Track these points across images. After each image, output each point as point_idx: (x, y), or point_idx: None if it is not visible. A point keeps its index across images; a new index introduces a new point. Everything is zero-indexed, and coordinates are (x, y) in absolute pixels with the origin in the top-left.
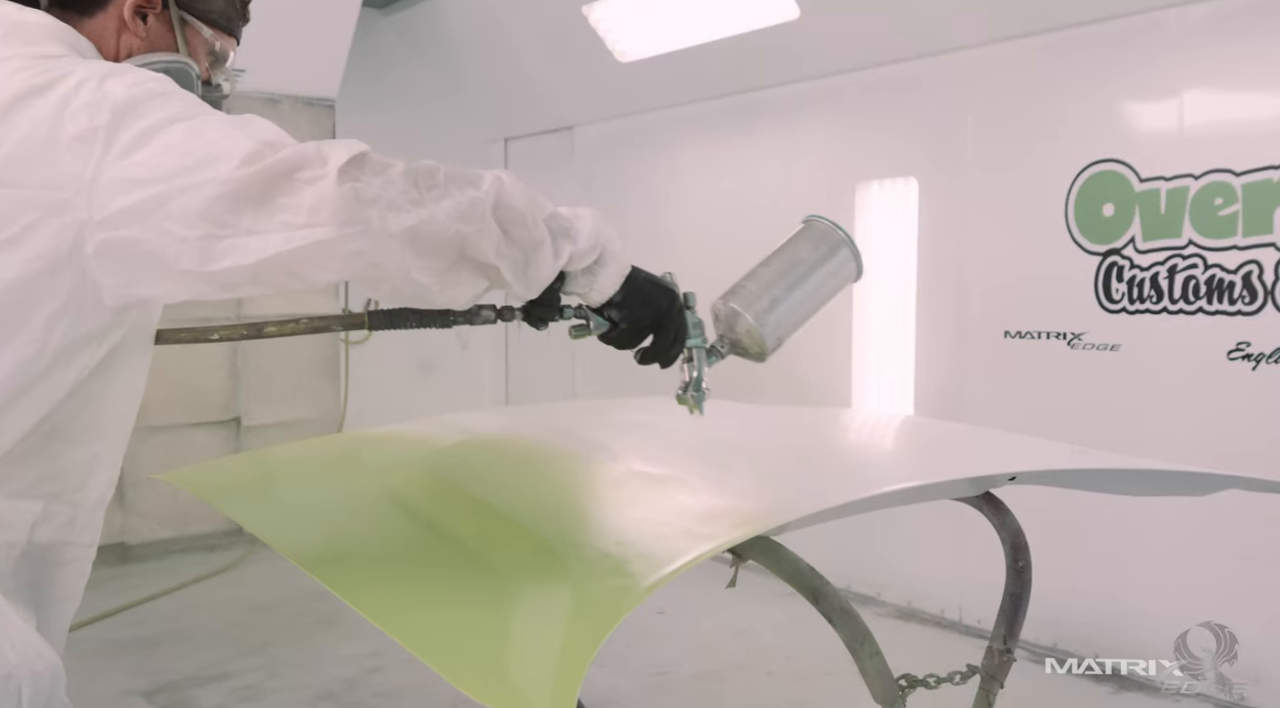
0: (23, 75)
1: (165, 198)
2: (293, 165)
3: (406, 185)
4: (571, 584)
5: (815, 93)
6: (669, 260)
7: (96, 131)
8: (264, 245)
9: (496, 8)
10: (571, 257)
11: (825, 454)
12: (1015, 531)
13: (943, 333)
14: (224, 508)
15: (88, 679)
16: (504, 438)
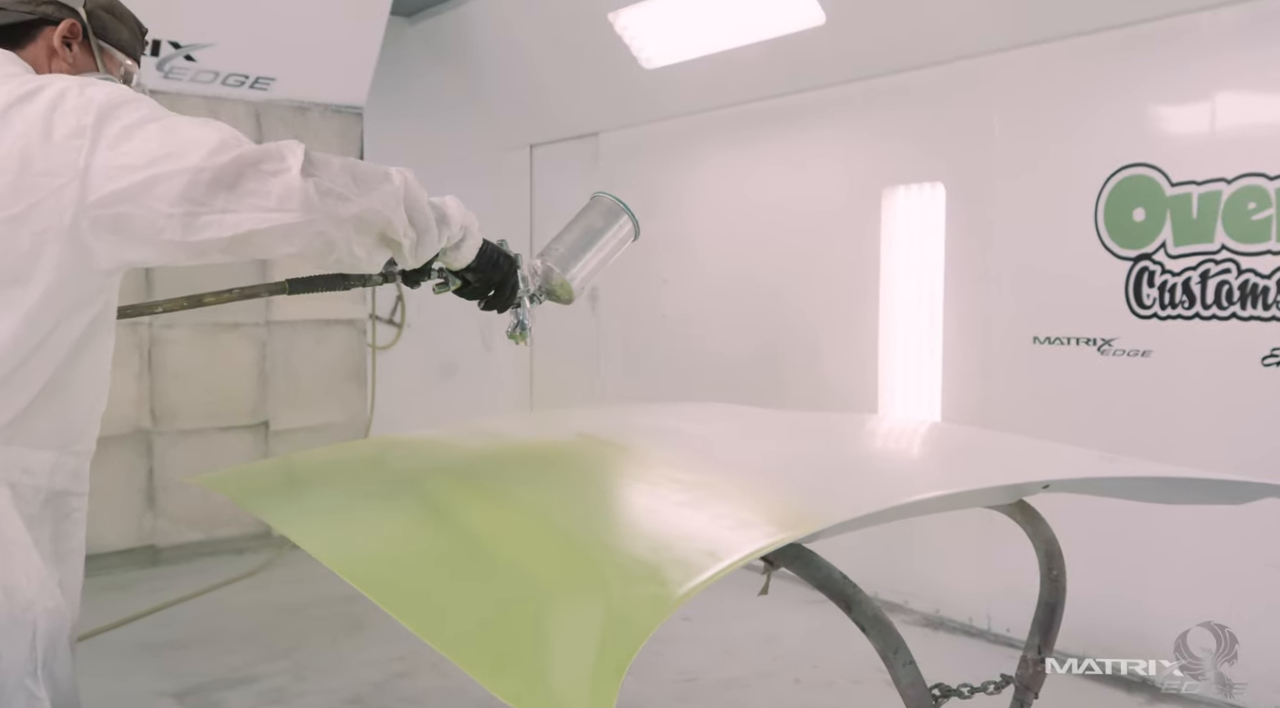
0: (8, 85)
1: (151, 182)
2: (257, 158)
3: (347, 180)
4: (606, 590)
5: (841, 98)
6: (693, 265)
7: (85, 129)
8: (238, 222)
9: (522, 15)
10: (447, 236)
11: (857, 461)
12: (1049, 539)
13: (970, 339)
14: (259, 512)
15: (119, 680)
16: (533, 442)
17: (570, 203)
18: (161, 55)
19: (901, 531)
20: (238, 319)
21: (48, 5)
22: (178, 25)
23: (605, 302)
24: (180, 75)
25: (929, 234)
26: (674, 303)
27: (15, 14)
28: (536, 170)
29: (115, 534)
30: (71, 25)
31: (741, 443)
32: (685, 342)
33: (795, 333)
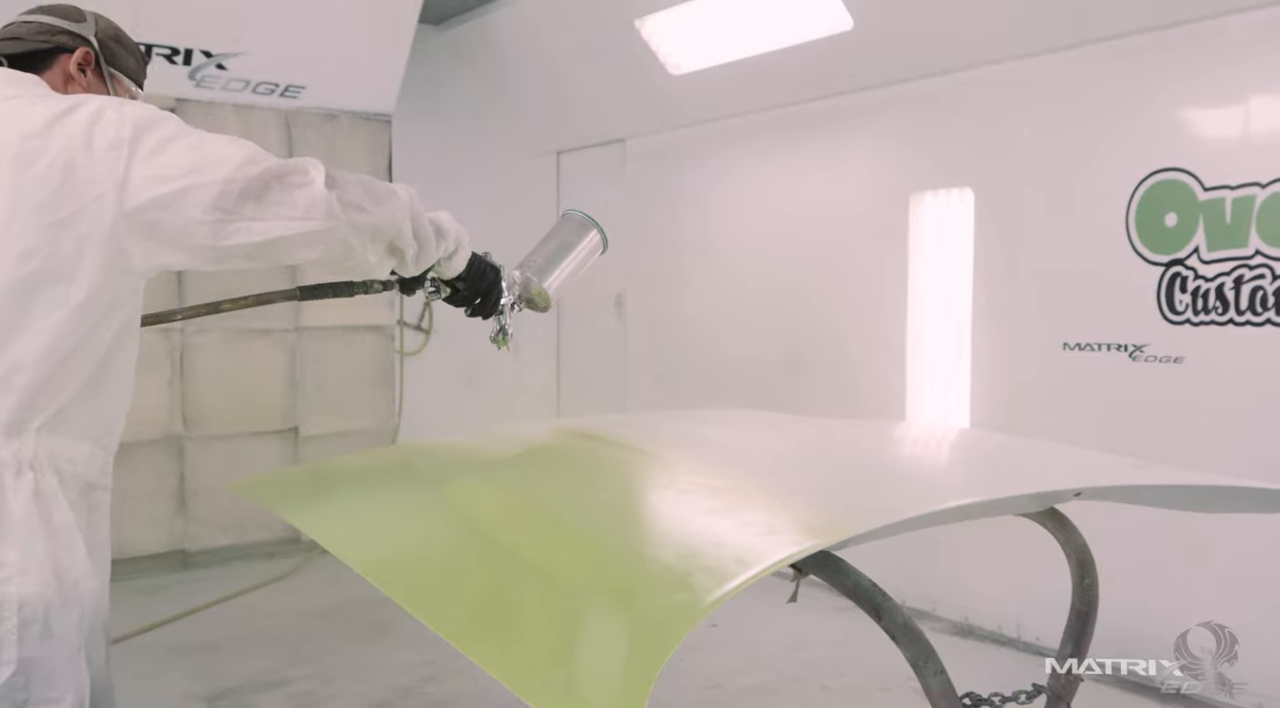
0: (47, 103)
1: (185, 191)
2: (283, 172)
3: (363, 194)
4: (635, 598)
5: (868, 103)
6: (721, 271)
7: (123, 142)
8: (266, 229)
9: (550, 22)
10: (444, 248)
11: (886, 468)
12: (1081, 547)
13: (999, 345)
14: (291, 518)
15: (151, 683)
16: (562, 449)
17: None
18: (193, 64)
19: (929, 537)
20: (268, 325)
21: (63, 35)
22: (209, 34)
23: (632, 307)
24: (212, 84)
25: (957, 240)
26: (701, 309)
27: (33, 43)
28: (563, 177)
29: (147, 538)
30: (86, 53)
31: (770, 449)
32: (712, 347)
33: (823, 339)
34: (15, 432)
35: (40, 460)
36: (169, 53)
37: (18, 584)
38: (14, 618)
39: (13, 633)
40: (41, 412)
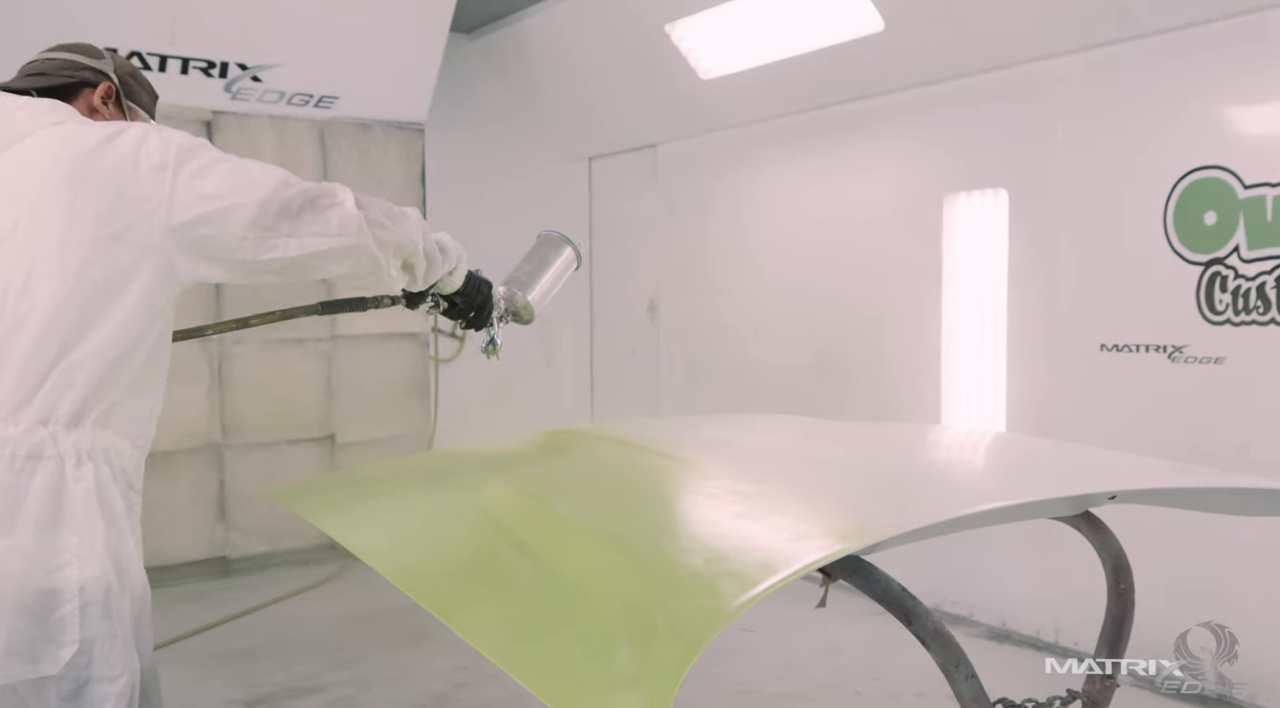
0: (93, 128)
1: (228, 210)
2: (316, 195)
3: (384, 215)
4: (660, 603)
5: (900, 105)
6: (754, 275)
7: (168, 164)
8: (302, 245)
9: (580, 29)
10: (448, 265)
11: (917, 471)
12: (1116, 551)
13: (1035, 347)
14: (323, 525)
15: (192, 688)
16: (591, 454)
17: (629, 215)
18: (229, 77)
19: (966, 541)
20: (304, 334)
21: (86, 70)
22: (245, 47)
23: (665, 312)
24: (247, 96)
25: (992, 241)
26: (734, 313)
27: (59, 78)
28: (595, 183)
29: (188, 546)
30: (109, 88)
31: (801, 454)
32: (745, 352)
33: (856, 342)
34: (74, 424)
35: (96, 452)
36: (205, 66)
37: (79, 568)
38: (76, 600)
39: (75, 614)
40: (96, 407)
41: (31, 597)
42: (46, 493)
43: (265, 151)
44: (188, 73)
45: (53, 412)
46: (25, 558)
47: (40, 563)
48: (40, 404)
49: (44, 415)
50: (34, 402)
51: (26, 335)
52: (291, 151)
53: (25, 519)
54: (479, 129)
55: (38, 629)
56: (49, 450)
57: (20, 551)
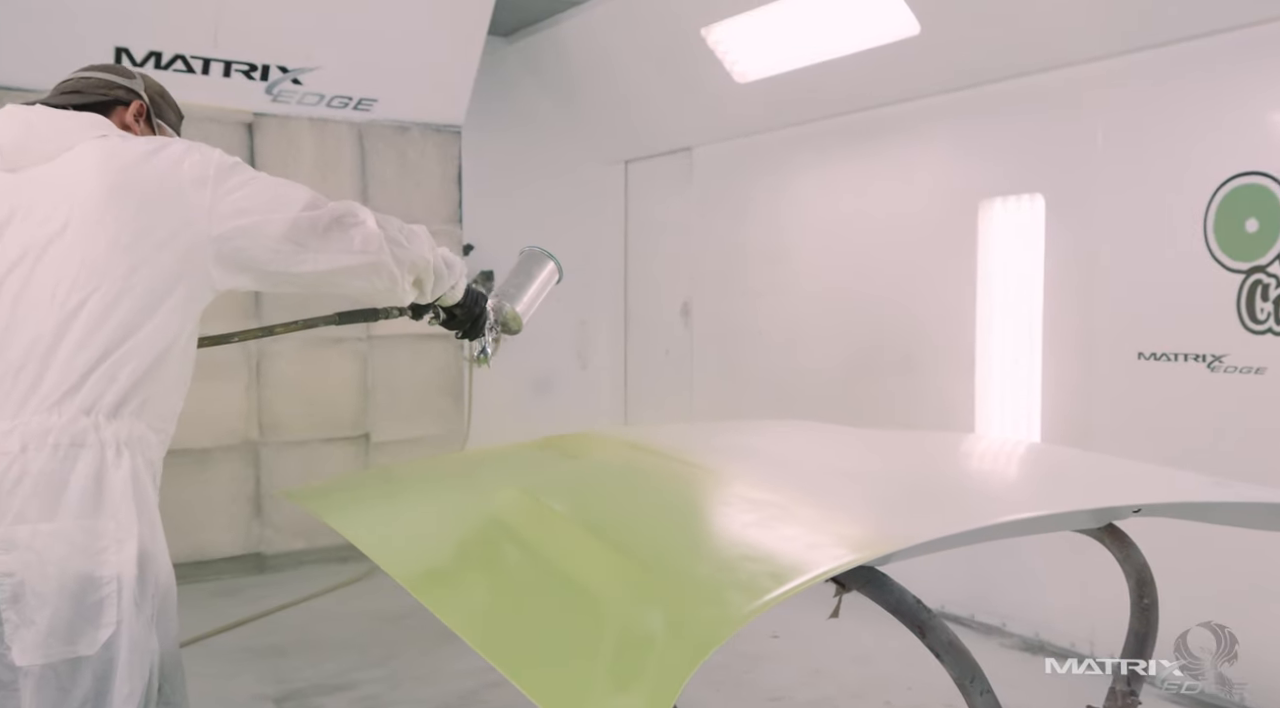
0: (136, 142)
1: (263, 224)
2: (340, 214)
3: (400, 234)
4: (665, 611)
5: (936, 109)
6: (788, 279)
7: (208, 179)
8: (330, 261)
9: (617, 32)
10: (452, 280)
11: (939, 482)
12: (1140, 565)
13: (1071, 355)
14: (337, 525)
15: (224, 682)
16: (608, 459)
17: (664, 218)
18: (270, 79)
19: (999, 550)
20: (341, 335)
21: (119, 89)
22: (286, 50)
23: (699, 315)
24: (288, 99)
25: (1028, 247)
26: (768, 317)
27: (93, 96)
28: (631, 186)
29: (225, 542)
30: (140, 106)
31: (820, 462)
32: (779, 356)
33: (890, 348)
34: (114, 414)
35: (133, 441)
36: (247, 69)
37: (116, 553)
38: (114, 584)
39: (114, 597)
40: (134, 399)
41: (73, 580)
42: (88, 480)
43: (305, 153)
44: (230, 75)
45: (96, 403)
46: (68, 542)
47: (82, 547)
48: (85, 396)
49: (87, 406)
50: (78, 394)
51: (73, 333)
52: (331, 153)
53: (68, 505)
54: (516, 131)
55: (77, 611)
56: (90, 439)
57: (63, 535)
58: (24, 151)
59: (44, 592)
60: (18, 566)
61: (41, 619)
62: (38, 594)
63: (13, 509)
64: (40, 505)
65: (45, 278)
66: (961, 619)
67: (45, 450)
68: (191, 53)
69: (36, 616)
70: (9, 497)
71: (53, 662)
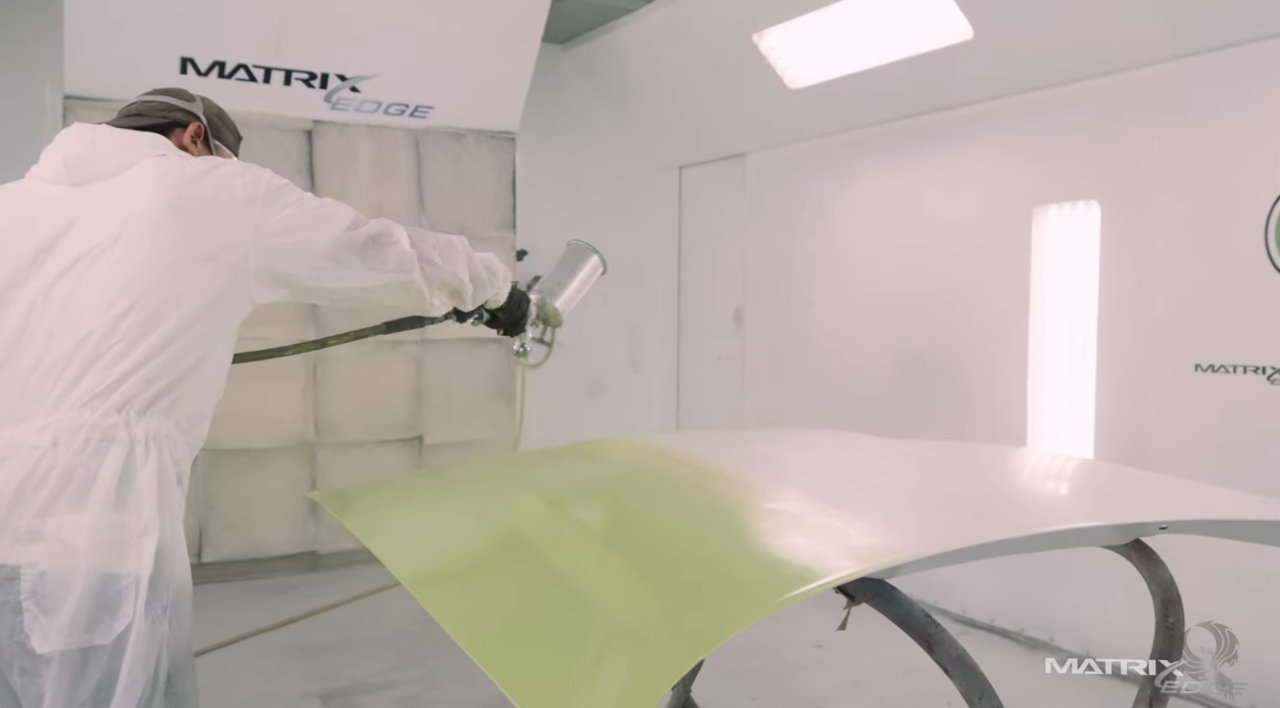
0: (194, 161)
1: (305, 241)
2: (377, 233)
3: (434, 251)
4: (654, 618)
5: (990, 114)
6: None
7: (257, 199)
8: (365, 278)
9: (670, 38)
10: (495, 286)
11: (962, 494)
12: (1166, 583)
13: (1126, 366)
14: (354, 528)
15: (270, 678)
16: (630, 466)
17: (717, 224)
18: (329, 88)
19: (1049, 562)
20: (396, 339)
21: (178, 112)
22: (344, 59)
23: (751, 322)
24: (346, 106)
25: (1082, 254)
26: (819, 324)
27: (154, 118)
28: (685, 192)
29: (281, 540)
30: (198, 127)
31: (843, 472)
32: (830, 363)
33: (941, 356)
34: (145, 411)
35: (160, 438)
36: (307, 77)
37: (136, 547)
38: (133, 576)
39: (131, 589)
40: (165, 398)
41: (96, 572)
42: (116, 473)
43: (362, 160)
44: (290, 84)
45: (129, 402)
46: (93, 534)
47: (106, 540)
48: (119, 396)
49: (120, 404)
50: (113, 394)
51: (116, 338)
52: (388, 160)
53: (95, 498)
54: (571, 137)
55: (97, 602)
56: (120, 434)
57: (89, 527)
58: (87, 167)
59: (68, 582)
60: (42, 557)
61: (65, 609)
62: (61, 584)
63: (40, 501)
64: (69, 498)
65: (94, 285)
66: (1010, 633)
67: (75, 445)
68: (254, 62)
69: (60, 605)
70: (37, 490)
71: (71, 649)
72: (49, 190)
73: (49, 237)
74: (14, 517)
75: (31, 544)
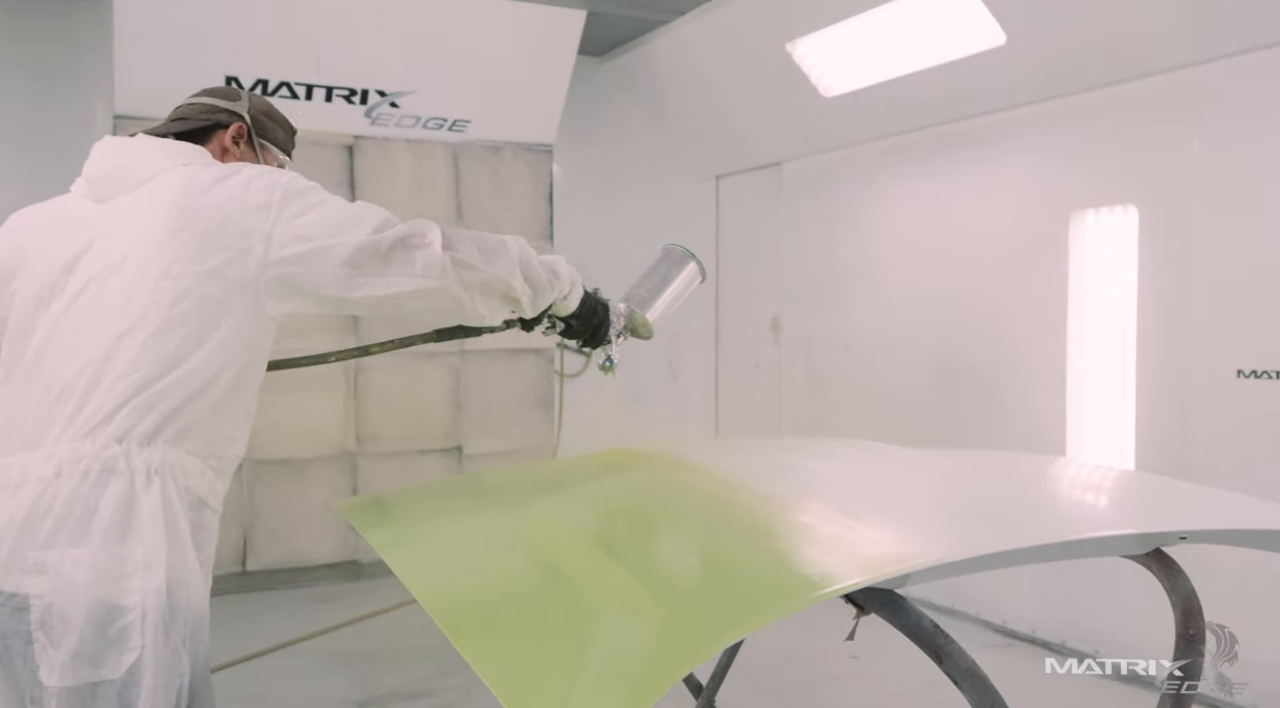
0: (212, 169)
1: (323, 250)
2: (405, 235)
3: (474, 252)
4: (649, 629)
5: (1024, 119)
6: (876, 294)
7: (272, 204)
8: (389, 285)
9: (705, 48)
10: (559, 290)
11: (979, 503)
12: (1187, 595)
13: (1167, 373)
14: (372, 540)
15: (312, 686)
16: (645, 475)
17: (754, 232)
18: (369, 103)
19: (1092, 573)
20: (435, 349)
21: (220, 113)
22: (383, 75)
23: (789, 331)
24: (386, 121)
25: (1121, 260)
26: (856, 332)
27: (197, 121)
28: (722, 201)
29: (323, 549)
30: (239, 128)
31: (860, 482)
32: (867, 372)
33: (978, 364)
34: (148, 442)
35: (164, 469)
36: (347, 94)
37: (142, 579)
38: (139, 609)
39: (138, 623)
40: (171, 427)
41: (98, 606)
42: (117, 507)
43: (402, 174)
44: (331, 100)
45: (130, 431)
46: (94, 568)
47: (108, 573)
48: (119, 425)
49: (120, 433)
50: (113, 423)
51: (116, 362)
52: (426, 173)
53: (96, 531)
54: (609, 149)
55: (102, 636)
56: (121, 466)
57: (90, 561)
58: (110, 182)
59: (70, 616)
60: (48, 589)
61: (67, 643)
62: (64, 619)
63: (44, 533)
64: (69, 531)
65: (104, 306)
66: (1053, 645)
67: (76, 476)
68: (295, 79)
69: (62, 640)
70: (41, 521)
71: (78, 684)
72: (79, 207)
73: (71, 256)
74: (21, 547)
75: (38, 576)
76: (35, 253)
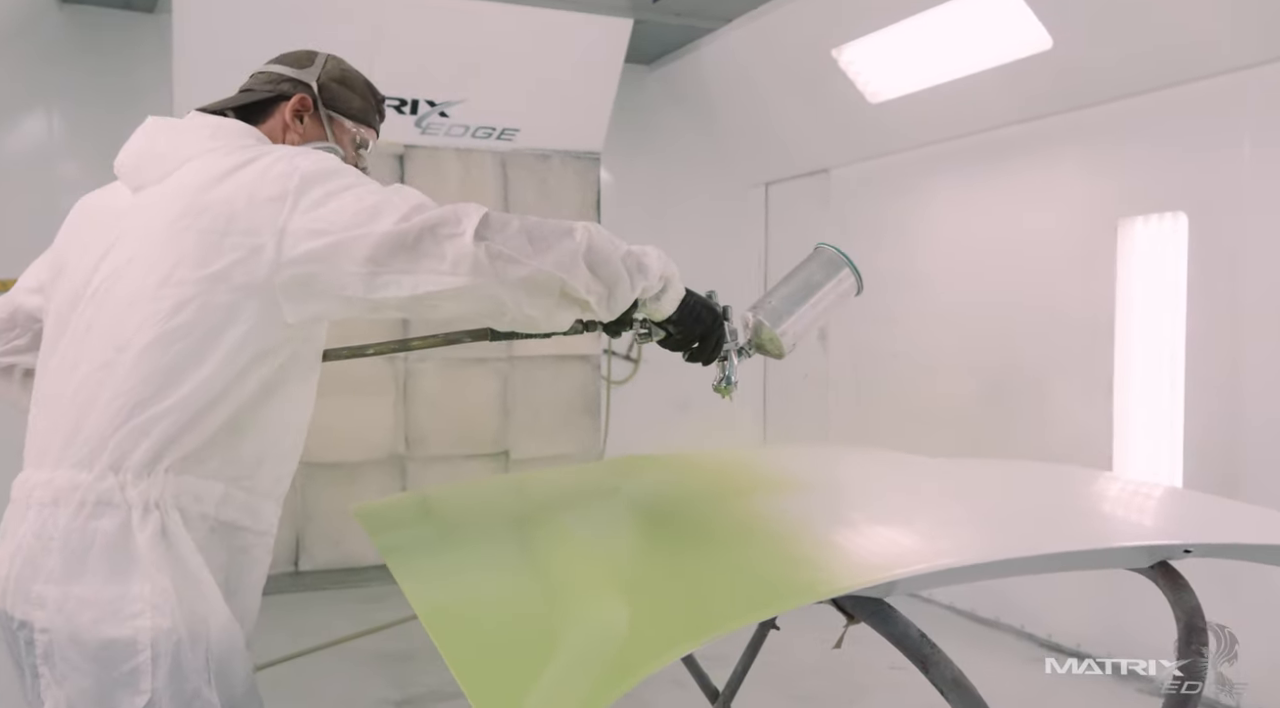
0: (233, 156)
1: (341, 244)
2: (435, 223)
3: (522, 241)
4: (620, 630)
5: (1071, 125)
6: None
7: (287, 194)
8: (416, 283)
9: (752, 55)
10: (644, 288)
11: (984, 513)
12: (1192, 609)
13: (1217, 383)
14: (378, 544)
15: (352, 685)
16: (657, 480)
17: (803, 240)
18: (419, 113)
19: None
20: (483, 354)
21: (285, 83)
22: (433, 85)
23: (835, 340)
24: (435, 131)
25: (1170, 268)
26: (902, 340)
27: (260, 93)
28: (771, 208)
29: (373, 551)
30: (301, 99)
31: (871, 491)
32: (914, 381)
33: (1024, 375)
34: (145, 473)
35: (166, 500)
36: (398, 104)
37: (150, 618)
38: (148, 650)
39: (147, 664)
40: (172, 454)
41: (102, 646)
42: (114, 541)
43: (451, 182)
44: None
45: (124, 460)
46: (95, 606)
47: (112, 612)
48: (112, 453)
49: (115, 462)
50: (106, 450)
51: (111, 380)
52: (475, 181)
53: (93, 568)
54: (658, 156)
55: (110, 678)
56: (117, 499)
57: (89, 599)
58: (139, 171)
59: (72, 657)
60: (50, 624)
61: (69, 684)
62: (66, 659)
63: (46, 567)
64: (66, 567)
65: (107, 315)
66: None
67: (72, 507)
68: None
69: (65, 679)
70: (43, 553)
71: None
72: (118, 198)
73: (99, 254)
74: (26, 578)
75: (40, 610)
76: (78, 248)
